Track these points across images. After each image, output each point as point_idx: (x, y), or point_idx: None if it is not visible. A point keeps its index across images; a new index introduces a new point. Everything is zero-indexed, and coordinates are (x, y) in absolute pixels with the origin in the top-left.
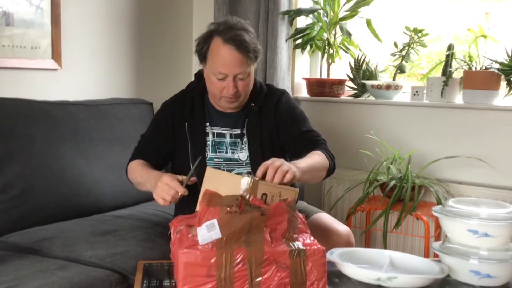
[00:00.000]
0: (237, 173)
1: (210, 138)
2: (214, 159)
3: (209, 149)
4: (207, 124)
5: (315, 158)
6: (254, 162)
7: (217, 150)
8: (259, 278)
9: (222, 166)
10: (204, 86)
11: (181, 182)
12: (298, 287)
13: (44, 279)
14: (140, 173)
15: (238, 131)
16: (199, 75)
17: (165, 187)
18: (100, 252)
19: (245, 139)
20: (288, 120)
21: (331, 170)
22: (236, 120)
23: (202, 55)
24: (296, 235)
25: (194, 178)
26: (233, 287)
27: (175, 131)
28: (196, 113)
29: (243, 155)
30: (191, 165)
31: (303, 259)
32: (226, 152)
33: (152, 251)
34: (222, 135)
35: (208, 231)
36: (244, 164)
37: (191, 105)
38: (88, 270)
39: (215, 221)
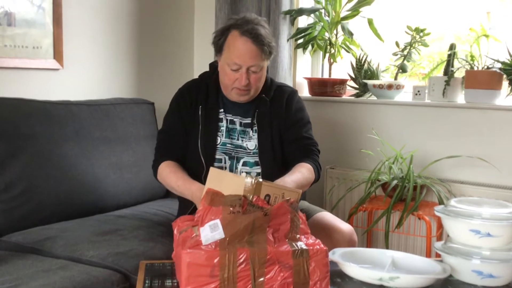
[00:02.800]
0: (244, 162)
1: (224, 124)
2: (227, 145)
3: (222, 134)
4: (221, 110)
5: (304, 174)
6: (263, 151)
7: (231, 136)
8: (262, 278)
9: (233, 153)
10: (218, 76)
11: None
12: (301, 287)
13: (46, 279)
14: (176, 182)
15: (248, 120)
16: (214, 66)
17: None
18: (102, 252)
19: (255, 128)
20: (294, 121)
21: (314, 182)
22: (247, 109)
23: (219, 47)
24: (298, 235)
25: None
26: (236, 287)
27: (191, 115)
28: (211, 99)
29: (251, 144)
30: (199, 149)
31: (306, 259)
32: (237, 139)
33: (154, 251)
34: (234, 123)
35: (211, 231)
36: (251, 153)
37: (206, 92)
38: (90, 269)
39: (218, 221)
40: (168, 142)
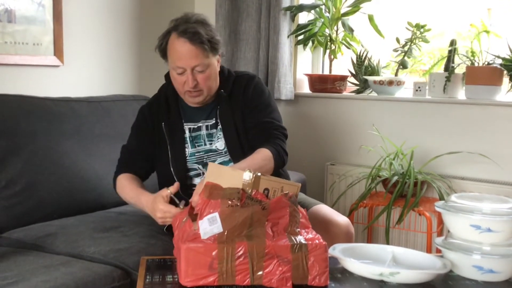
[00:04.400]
0: (220, 163)
1: (187, 134)
2: (195, 154)
3: (188, 145)
4: (183, 121)
5: (256, 160)
6: (232, 149)
7: (196, 145)
8: (261, 272)
9: (204, 159)
10: None
11: (172, 200)
12: (300, 281)
13: (47, 275)
14: (129, 194)
15: (212, 121)
16: (169, 77)
17: (166, 215)
18: (103, 248)
19: (219, 127)
20: (252, 106)
21: (278, 167)
22: (210, 110)
23: (162, 52)
24: (298, 230)
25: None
26: (235, 280)
27: (154, 133)
28: (172, 112)
29: (220, 144)
30: (171, 168)
31: (305, 254)
32: (205, 144)
33: (155, 247)
34: (198, 129)
35: (209, 225)
36: (223, 152)
37: (166, 105)
38: (91, 266)
39: (216, 214)
40: (128, 157)
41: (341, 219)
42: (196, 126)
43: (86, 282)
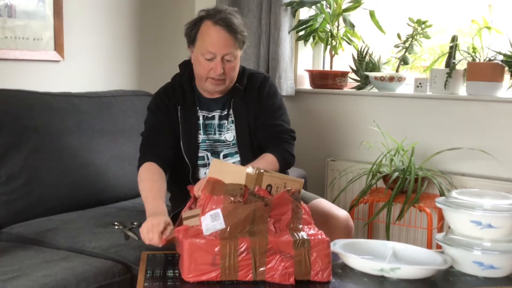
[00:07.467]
0: (225, 155)
1: (201, 121)
2: (206, 141)
3: (201, 131)
4: (198, 108)
5: (261, 164)
6: (241, 141)
7: (207, 132)
8: (263, 268)
9: (213, 148)
10: (191, 74)
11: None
12: (303, 277)
13: (48, 270)
14: (145, 193)
15: (225, 112)
16: (184, 65)
17: (149, 228)
18: (104, 243)
19: (231, 119)
20: (264, 107)
21: (283, 169)
22: (224, 102)
23: (192, 37)
24: (301, 225)
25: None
26: (237, 276)
27: (171, 117)
28: (187, 98)
29: (229, 135)
30: (182, 150)
31: (308, 249)
32: (214, 134)
33: None
34: (211, 118)
35: (212, 221)
36: (231, 144)
37: (181, 91)
38: (91, 260)
39: (219, 210)
40: (153, 141)
41: (340, 213)
42: (210, 115)
43: (86, 277)
